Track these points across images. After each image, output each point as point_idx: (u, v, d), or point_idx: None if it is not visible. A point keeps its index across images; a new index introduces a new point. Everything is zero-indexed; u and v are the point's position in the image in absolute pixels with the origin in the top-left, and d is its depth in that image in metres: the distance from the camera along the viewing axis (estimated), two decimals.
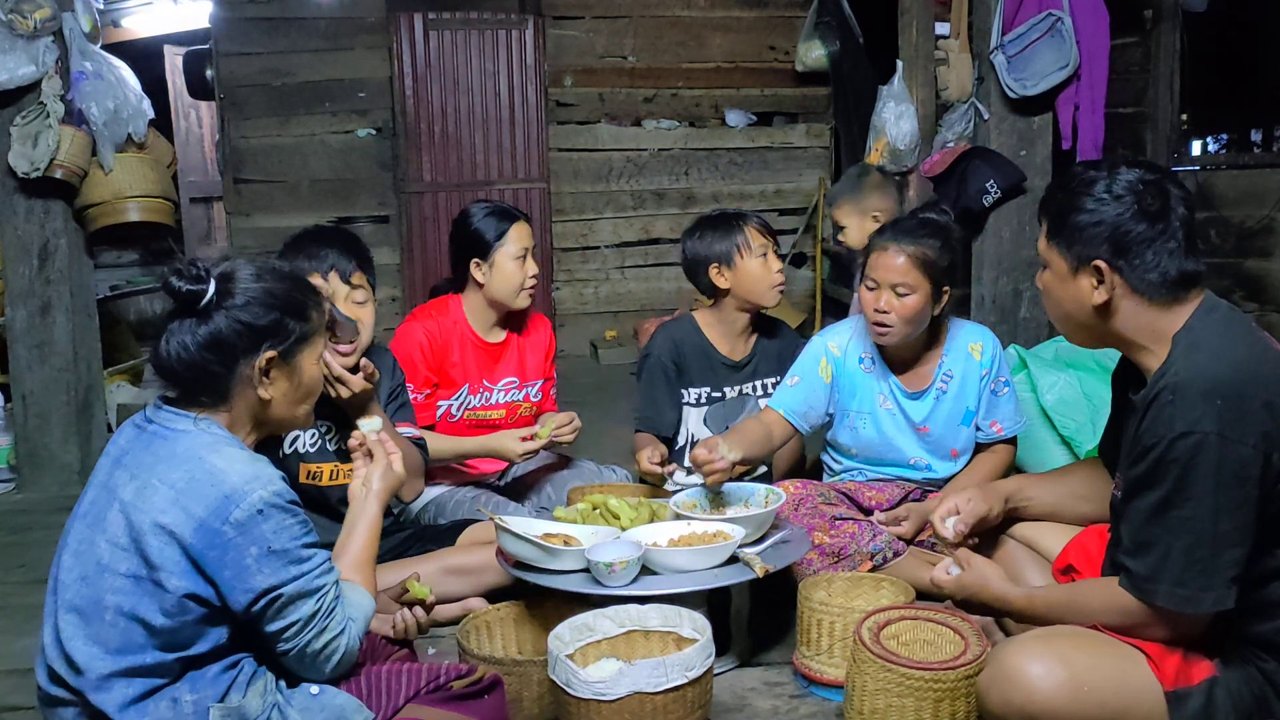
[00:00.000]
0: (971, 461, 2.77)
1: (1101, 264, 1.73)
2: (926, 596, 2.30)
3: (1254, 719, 1.68)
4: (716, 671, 2.12)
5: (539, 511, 2.93)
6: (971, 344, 2.73)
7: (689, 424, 3.09)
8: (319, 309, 1.75)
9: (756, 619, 2.39)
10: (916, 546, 2.60)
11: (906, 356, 2.73)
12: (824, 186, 6.47)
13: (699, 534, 2.27)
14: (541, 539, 2.18)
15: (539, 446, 2.90)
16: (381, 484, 1.88)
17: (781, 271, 3.00)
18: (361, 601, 1.71)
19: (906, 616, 2.05)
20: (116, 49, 4.68)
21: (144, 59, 6.42)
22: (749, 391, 3.10)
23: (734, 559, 2.20)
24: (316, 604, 1.58)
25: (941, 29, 4.24)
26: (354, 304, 2.46)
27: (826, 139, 6.87)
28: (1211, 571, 1.61)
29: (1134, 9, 5.48)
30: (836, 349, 2.77)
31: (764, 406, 2.82)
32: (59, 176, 3.73)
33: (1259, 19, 6.05)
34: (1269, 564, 1.65)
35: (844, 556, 2.48)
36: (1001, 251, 4.06)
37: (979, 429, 2.75)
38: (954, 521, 2.15)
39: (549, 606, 2.25)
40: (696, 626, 1.99)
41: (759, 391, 3.10)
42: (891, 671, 1.86)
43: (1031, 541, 2.22)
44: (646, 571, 2.16)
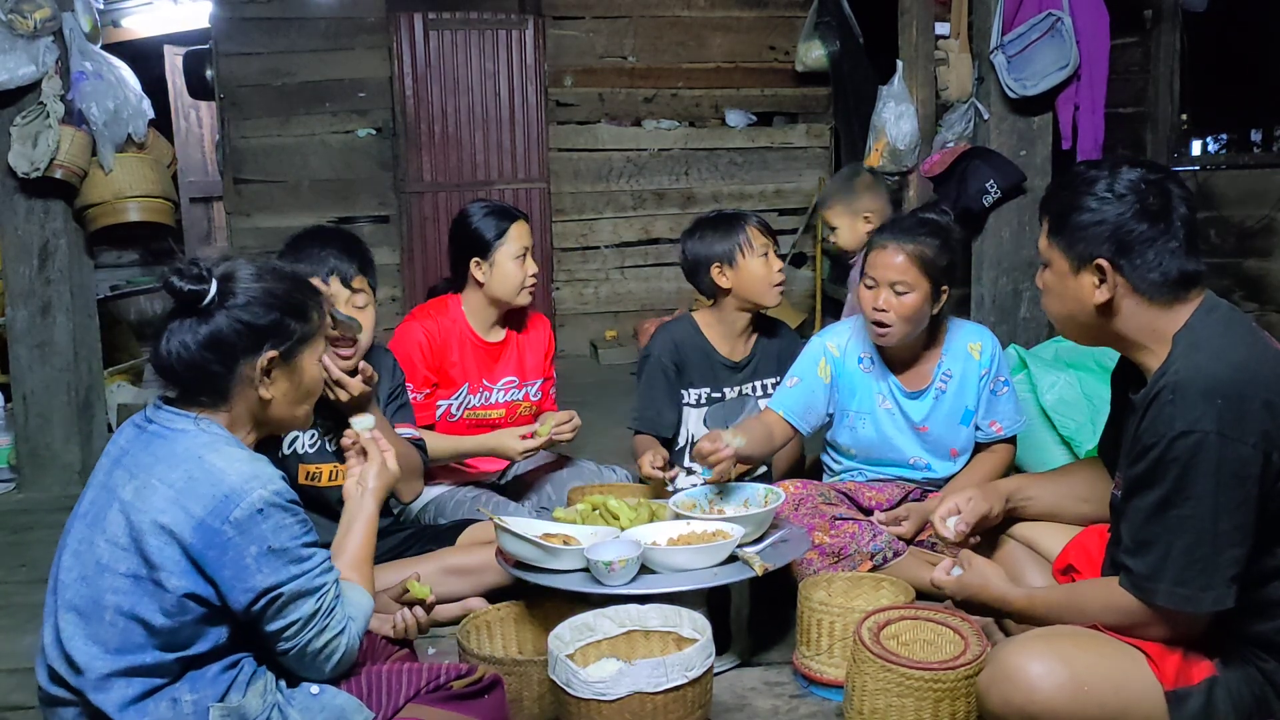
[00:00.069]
0: (971, 461, 2.77)
1: (1103, 263, 1.73)
2: (926, 596, 2.30)
3: (1254, 719, 1.68)
4: (716, 671, 2.12)
5: (539, 511, 2.93)
6: (970, 343, 2.73)
7: (689, 424, 3.09)
8: (319, 309, 1.75)
9: (756, 619, 2.39)
10: (916, 546, 2.60)
11: (905, 356, 2.73)
12: (824, 186, 6.46)
13: (698, 533, 2.27)
14: (541, 539, 2.18)
15: (539, 445, 2.90)
16: (377, 482, 1.88)
17: (782, 271, 3.00)
18: (361, 601, 1.71)
19: (906, 616, 2.06)
20: (116, 49, 4.68)
21: (144, 59, 6.42)
22: (749, 392, 3.10)
23: (733, 558, 2.20)
24: (317, 603, 1.58)
25: (941, 29, 4.23)
26: (355, 307, 2.46)
27: (826, 139, 6.86)
28: (1211, 571, 1.61)
29: (1134, 9, 5.48)
30: (835, 349, 2.77)
31: (764, 407, 2.83)
32: (59, 176, 3.73)
33: (1259, 19, 6.05)
34: (1269, 563, 1.65)
35: (844, 556, 2.48)
36: (1001, 251, 4.05)
37: (978, 428, 2.75)
38: (955, 521, 2.16)
39: (549, 606, 2.25)
40: (696, 626, 1.99)
41: (759, 392, 3.10)
42: (891, 671, 1.86)
43: (1031, 541, 2.22)
44: (646, 571, 2.16)
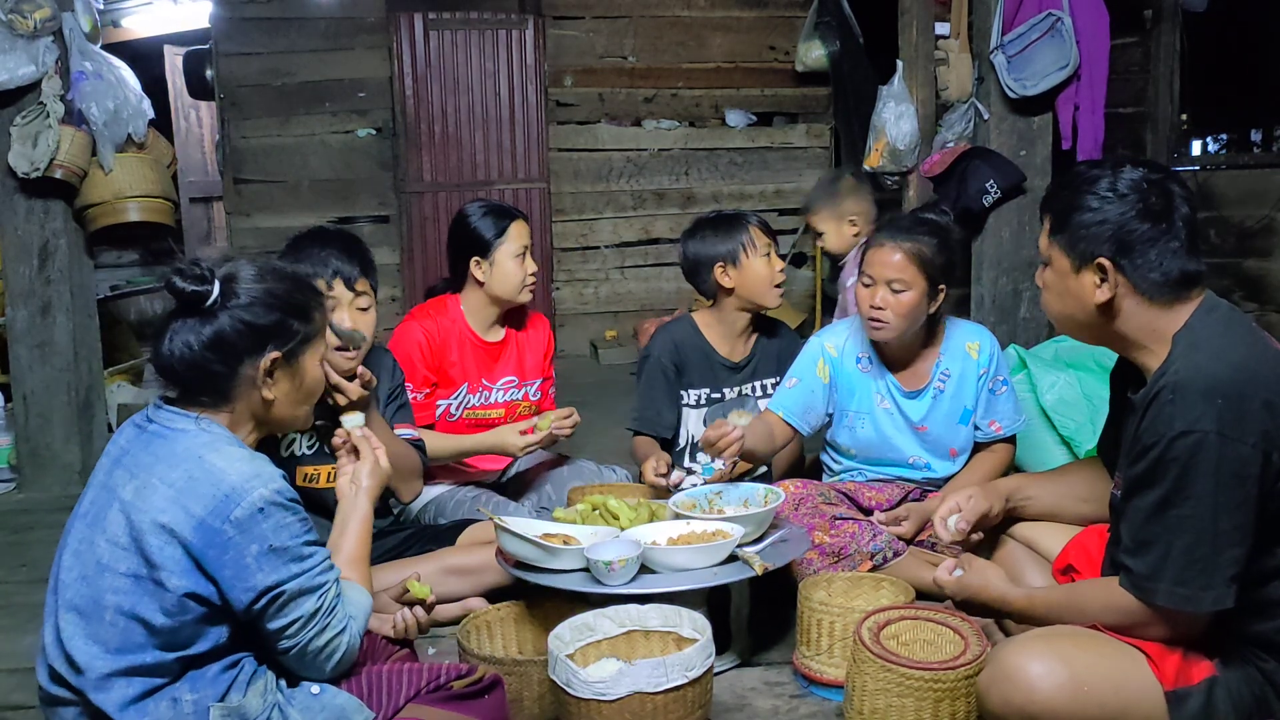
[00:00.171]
0: (971, 461, 2.77)
1: (1105, 262, 1.72)
2: (926, 596, 2.30)
3: (1254, 719, 1.68)
4: (716, 671, 2.12)
5: (539, 511, 2.92)
6: (969, 343, 2.73)
7: (688, 425, 3.09)
8: (321, 309, 1.75)
9: (756, 619, 2.39)
10: (916, 546, 2.60)
11: (903, 355, 2.73)
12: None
13: (698, 533, 2.27)
14: (541, 539, 2.18)
15: (540, 439, 2.89)
16: (370, 480, 1.88)
17: (783, 271, 3.01)
18: (360, 600, 1.71)
19: (906, 616, 2.05)
20: (116, 49, 4.68)
21: (144, 59, 6.42)
22: (748, 392, 3.10)
23: (733, 558, 2.20)
24: (318, 601, 1.58)
25: (941, 29, 4.23)
26: (357, 309, 2.45)
27: (826, 139, 6.86)
28: (1211, 570, 1.62)
29: (1134, 9, 5.48)
30: (834, 349, 2.78)
31: (763, 408, 2.82)
32: (59, 176, 3.73)
33: (1259, 19, 6.05)
34: (1269, 563, 1.65)
35: (844, 556, 2.48)
36: (1001, 251, 4.05)
37: (978, 428, 2.75)
38: (955, 520, 2.16)
39: (549, 606, 2.25)
40: (696, 626, 1.99)
41: (759, 392, 3.10)
42: (891, 671, 1.86)
43: (1031, 541, 2.22)
44: (646, 570, 2.16)
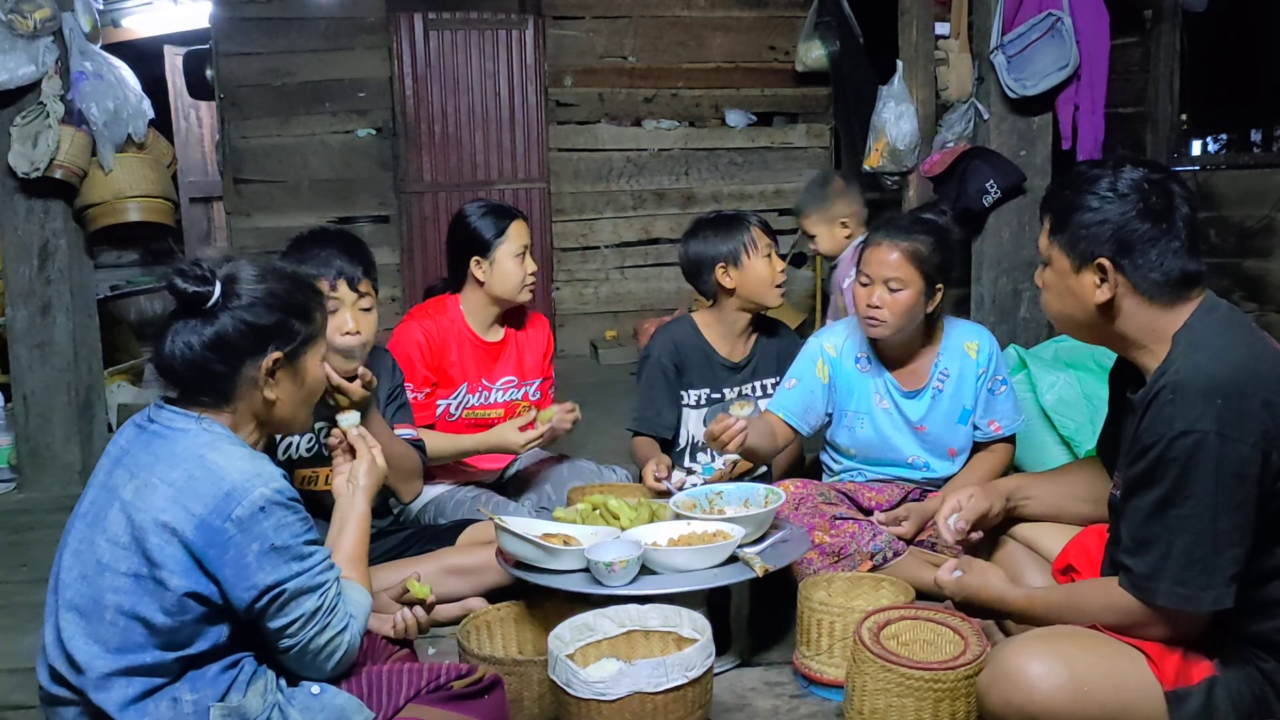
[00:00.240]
0: (970, 461, 2.77)
1: (1105, 262, 1.72)
2: (926, 596, 2.30)
3: (1254, 719, 1.68)
4: (716, 671, 2.12)
5: (539, 511, 2.92)
6: (967, 342, 2.73)
7: (688, 425, 3.09)
8: (322, 309, 1.76)
9: (756, 619, 2.39)
10: (916, 546, 2.60)
11: (902, 355, 2.73)
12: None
13: (699, 534, 2.27)
14: (541, 539, 2.18)
15: (540, 434, 2.88)
16: (367, 479, 1.88)
17: (784, 272, 3.01)
18: (360, 599, 1.71)
19: (906, 616, 2.05)
20: (116, 49, 4.67)
21: (144, 59, 6.42)
22: (748, 392, 3.10)
23: (734, 558, 2.20)
24: (319, 600, 1.58)
25: (941, 29, 4.23)
26: (360, 310, 2.44)
27: (826, 139, 6.86)
28: (1211, 570, 1.61)
29: (1134, 9, 5.48)
30: (832, 349, 2.78)
31: (763, 408, 2.83)
32: (59, 176, 3.73)
33: (1259, 19, 6.05)
34: (1269, 563, 1.65)
35: (844, 556, 2.48)
36: (1001, 251, 4.05)
37: (977, 428, 2.75)
38: (955, 519, 2.16)
39: (549, 606, 2.25)
40: (696, 626, 1.99)
41: (759, 393, 3.10)
42: (891, 671, 1.86)
43: (1031, 541, 2.22)
44: (646, 571, 2.16)
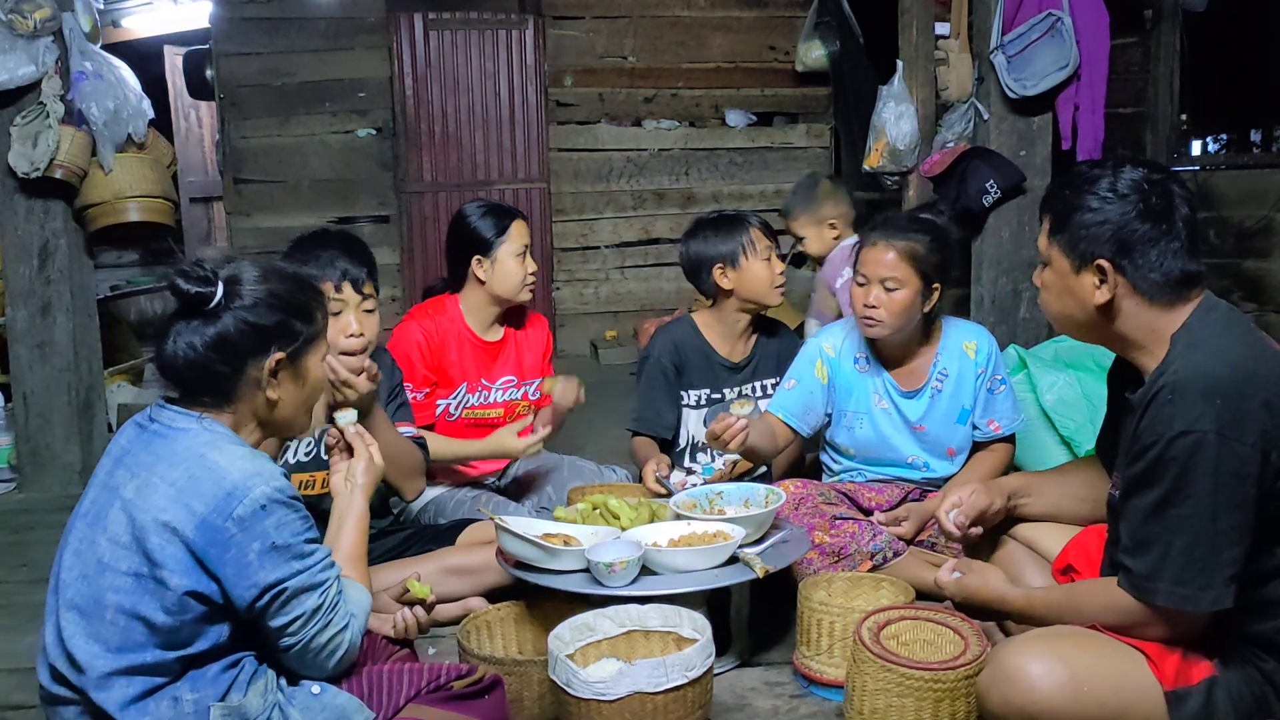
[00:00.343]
0: (970, 461, 2.77)
1: (1105, 263, 1.72)
2: (926, 596, 2.30)
3: (1254, 719, 1.68)
4: (716, 671, 2.12)
5: (539, 511, 2.93)
6: (966, 342, 2.73)
7: (688, 426, 3.09)
8: (323, 310, 1.76)
9: (756, 619, 2.39)
10: (916, 546, 2.60)
11: (900, 355, 2.73)
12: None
13: (699, 534, 2.27)
14: (541, 539, 2.18)
15: (540, 439, 2.89)
16: (365, 478, 1.88)
17: (783, 273, 3.01)
18: (360, 598, 1.71)
19: (906, 616, 2.06)
20: (116, 49, 4.68)
21: (144, 59, 6.42)
22: (748, 393, 3.10)
23: (734, 559, 2.20)
24: (320, 598, 1.59)
25: (941, 29, 4.23)
26: (364, 312, 2.46)
27: (826, 139, 6.86)
28: (1211, 570, 1.62)
29: (1134, 9, 5.48)
30: (831, 350, 2.78)
31: (764, 409, 2.83)
32: (59, 176, 3.73)
33: (1259, 19, 6.05)
34: (1268, 563, 1.65)
35: (844, 556, 2.48)
36: (1001, 252, 4.05)
37: (976, 428, 2.75)
38: (956, 513, 2.16)
39: (549, 606, 2.25)
40: (696, 626, 1.99)
41: (759, 393, 3.10)
42: (891, 671, 1.86)
43: (1031, 542, 2.22)
44: (646, 571, 2.16)
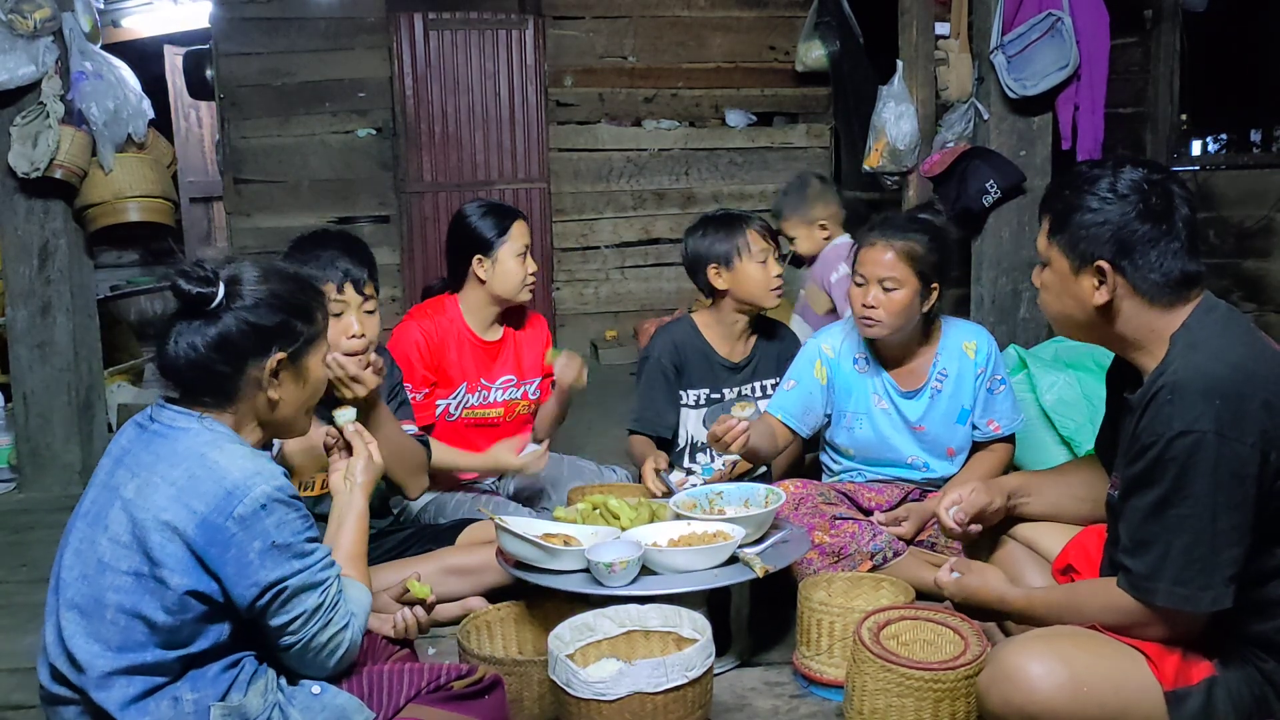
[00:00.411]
0: (970, 460, 2.77)
1: (1104, 264, 1.72)
2: (926, 596, 2.30)
3: (1254, 719, 1.68)
4: (716, 671, 2.12)
5: (539, 511, 2.93)
6: (965, 342, 2.73)
7: (688, 426, 3.10)
8: (324, 310, 1.76)
9: (756, 619, 2.39)
10: (916, 546, 2.60)
11: (899, 355, 2.73)
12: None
13: (699, 534, 2.28)
14: (541, 539, 2.18)
15: (538, 455, 2.90)
16: (365, 476, 1.88)
17: (780, 275, 3.01)
18: (360, 597, 1.71)
19: (906, 616, 2.06)
20: (116, 49, 4.67)
21: (144, 59, 6.42)
22: (748, 393, 3.10)
23: (734, 559, 2.20)
24: (320, 597, 1.59)
25: (941, 29, 4.23)
26: (365, 313, 2.45)
27: (826, 139, 6.86)
28: (1210, 570, 1.62)
29: (1134, 9, 5.48)
30: (830, 350, 2.78)
31: (764, 409, 2.83)
32: (59, 176, 3.73)
33: (1259, 19, 6.05)
34: (1268, 563, 1.66)
35: (844, 556, 2.48)
36: (1001, 252, 4.05)
37: (976, 428, 2.75)
38: (955, 510, 2.16)
39: (549, 606, 2.25)
40: (696, 626, 1.99)
41: (758, 393, 3.10)
42: (891, 671, 1.86)
43: (1031, 542, 2.22)
44: (646, 571, 2.16)
